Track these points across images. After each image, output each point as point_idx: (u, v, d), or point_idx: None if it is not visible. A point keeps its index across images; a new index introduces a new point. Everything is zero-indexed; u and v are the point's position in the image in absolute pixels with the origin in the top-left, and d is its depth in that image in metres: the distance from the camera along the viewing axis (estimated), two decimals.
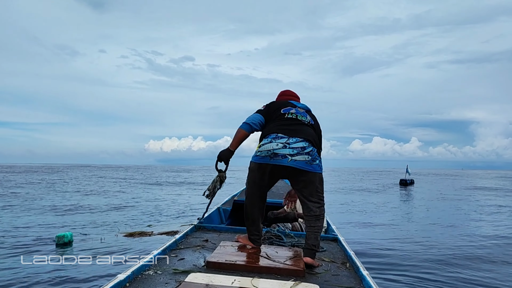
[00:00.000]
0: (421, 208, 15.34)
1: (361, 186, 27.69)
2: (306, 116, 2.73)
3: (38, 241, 6.46)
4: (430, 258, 6.36)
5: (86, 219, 9.80)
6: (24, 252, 5.34)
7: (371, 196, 20.26)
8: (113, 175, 41.12)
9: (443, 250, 7.02)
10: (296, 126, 2.58)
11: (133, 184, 26.44)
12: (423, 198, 20.19)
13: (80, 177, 33.01)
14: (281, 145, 2.45)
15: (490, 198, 20.27)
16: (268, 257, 2.48)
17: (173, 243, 2.83)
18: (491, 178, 50.45)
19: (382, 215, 12.56)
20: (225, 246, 2.74)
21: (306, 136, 2.53)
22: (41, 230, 7.56)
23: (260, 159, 2.53)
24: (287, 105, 2.77)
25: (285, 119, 2.64)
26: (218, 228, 3.75)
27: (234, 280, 1.98)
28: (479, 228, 10.23)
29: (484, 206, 16.19)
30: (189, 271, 2.19)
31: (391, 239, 8.24)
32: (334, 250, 3.17)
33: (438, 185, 34.55)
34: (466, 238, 8.49)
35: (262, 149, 2.50)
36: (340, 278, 2.33)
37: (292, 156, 2.44)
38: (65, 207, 11.91)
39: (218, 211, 4.95)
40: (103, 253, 4.25)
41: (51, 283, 3.41)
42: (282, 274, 2.22)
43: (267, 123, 2.70)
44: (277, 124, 2.61)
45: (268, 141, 2.50)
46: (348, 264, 2.70)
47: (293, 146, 2.46)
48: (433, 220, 11.77)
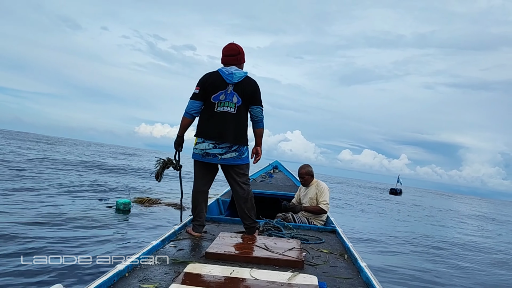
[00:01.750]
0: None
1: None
2: (233, 99, 2.97)
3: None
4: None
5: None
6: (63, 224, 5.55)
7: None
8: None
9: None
10: (223, 126, 2.94)
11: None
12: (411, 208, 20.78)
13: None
14: (212, 146, 2.97)
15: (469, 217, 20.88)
16: (266, 248, 2.49)
17: (172, 233, 2.84)
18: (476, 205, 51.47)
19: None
20: (224, 237, 2.75)
21: (232, 138, 2.97)
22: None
23: (195, 155, 3.04)
24: (218, 87, 2.96)
25: (214, 113, 2.96)
26: (217, 219, 3.77)
27: (233, 270, 1.99)
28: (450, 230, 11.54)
29: (462, 216, 17.42)
30: (188, 261, 2.20)
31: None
32: (332, 241, 3.19)
33: (426, 199, 36.23)
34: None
35: (197, 147, 3.01)
36: (338, 269, 2.35)
37: (221, 155, 2.97)
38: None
39: (217, 202, 4.97)
40: (103, 253, 4.33)
41: (51, 283, 3.43)
42: (280, 265, 2.24)
43: (202, 109, 3.05)
44: (207, 122, 2.98)
45: (201, 141, 3.00)
46: (346, 255, 2.71)
47: (222, 146, 2.97)
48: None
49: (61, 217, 5.92)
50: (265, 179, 6.98)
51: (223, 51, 3.05)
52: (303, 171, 4.33)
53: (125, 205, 7.34)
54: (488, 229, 15.29)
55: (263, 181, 6.76)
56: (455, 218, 18.89)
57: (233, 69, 2.96)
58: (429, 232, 11.23)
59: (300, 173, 4.38)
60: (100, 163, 19.09)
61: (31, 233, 4.71)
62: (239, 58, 3.04)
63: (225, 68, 2.98)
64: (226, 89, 2.94)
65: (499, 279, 6.17)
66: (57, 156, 20.33)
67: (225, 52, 3.04)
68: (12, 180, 9.35)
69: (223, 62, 3.04)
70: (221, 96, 2.94)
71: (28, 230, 4.85)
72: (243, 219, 3.13)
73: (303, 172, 4.33)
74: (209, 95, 2.94)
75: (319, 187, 4.17)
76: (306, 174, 4.31)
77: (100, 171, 15.53)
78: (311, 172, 4.32)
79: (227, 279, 1.86)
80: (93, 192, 9.51)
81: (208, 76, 2.98)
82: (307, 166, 4.35)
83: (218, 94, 2.94)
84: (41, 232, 4.88)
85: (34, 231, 4.87)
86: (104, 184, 11.14)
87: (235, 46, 3.04)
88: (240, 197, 3.08)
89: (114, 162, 22.52)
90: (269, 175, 7.27)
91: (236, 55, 3.02)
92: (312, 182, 4.31)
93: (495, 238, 12.39)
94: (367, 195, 27.81)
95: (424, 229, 11.80)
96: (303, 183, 4.38)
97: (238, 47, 3.04)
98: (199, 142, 3.00)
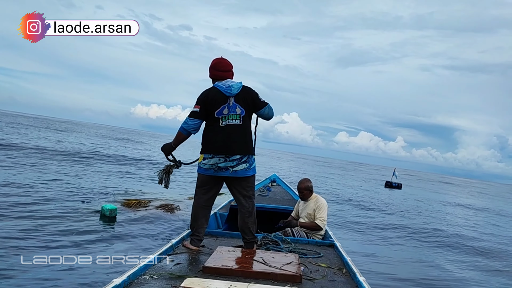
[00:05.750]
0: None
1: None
2: (236, 111, 2.99)
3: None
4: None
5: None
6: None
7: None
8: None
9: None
10: (231, 140, 2.95)
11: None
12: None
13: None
14: (222, 160, 2.95)
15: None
16: (264, 262, 2.47)
17: (169, 247, 2.82)
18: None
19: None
20: (222, 251, 2.73)
21: (242, 150, 2.98)
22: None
23: (205, 171, 3.01)
24: (220, 102, 2.97)
25: (220, 128, 2.96)
26: (214, 233, 3.74)
27: (231, 285, 1.98)
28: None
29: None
30: (185, 276, 2.18)
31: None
32: (330, 256, 3.17)
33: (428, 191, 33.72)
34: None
35: (207, 162, 2.98)
36: (336, 284, 2.33)
37: (233, 167, 2.96)
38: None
39: (215, 216, 4.94)
40: (103, 253, 4.27)
41: (51, 283, 3.40)
42: (278, 280, 2.22)
43: (206, 124, 3.05)
44: (214, 137, 2.97)
45: (210, 156, 2.97)
46: (345, 270, 2.70)
47: (232, 159, 2.96)
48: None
49: (41, 223, 5.41)
50: (263, 192, 6.96)
51: (218, 67, 3.10)
52: (302, 186, 4.33)
53: (111, 211, 6.89)
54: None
55: (261, 195, 6.74)
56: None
57: (229, 81, 3.03)
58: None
59: (299, 187, 4.37)
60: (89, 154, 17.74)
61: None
62: (233, 72, 3.15)
63: (221, 82, 3.03)
64: (227, 102, 2.97)
65: None
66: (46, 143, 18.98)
67: (221, 68, 3.10)
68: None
69: (219, 77, 3.08)
70: (224, 110, 2.96)
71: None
72: (244, 233, 3.10)
73: (302, 187, 4.33)
74: (212, 112, 2.96)
75: (318, 203, 4.17)
76: (305, 189, 4.31)
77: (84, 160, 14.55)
78: (310, 188, 4.32)
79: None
80: (76, 193, 8.58)
81: (207, 93, 3.01)
82: (306, 181, 4.35)
83: (221, 108, 2.96)
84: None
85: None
86: (90, 182, 10.39)
87: (228, 62, 3.14)
88: (245, 211, 3.05)
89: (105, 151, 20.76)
90: (267, 189, 7.25)
91: (231, 70, 3.14)
92: (311, 197, 4.30)
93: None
94: (362, 190, 23.30)
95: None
96: (302, 197, 4.37)
97: (230, 63, 3.15)
98: (207, 158, 2.98)
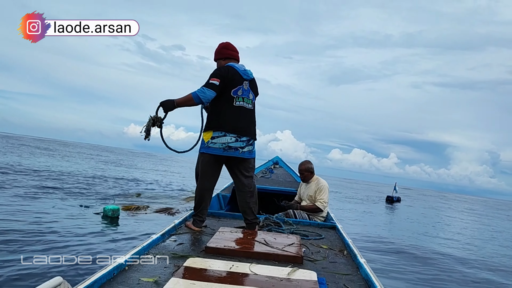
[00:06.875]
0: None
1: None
2: (249, 96, 3.06)
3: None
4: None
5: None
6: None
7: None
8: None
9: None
10: (243, 121, 2.98)
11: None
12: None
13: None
14: (234, 139, 2.93)
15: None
16: (266, 243, 2.49)
17: (172, 228, 2.85)
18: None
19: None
20: (224, 232, 2.76)
21: (251, 133, 3.04)
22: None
23: (214, 150, 2.93)
24: (237, 82, 2.97)
25: (234, 107, 2.95)
26: (217, 214, 3.77)
27: (232, 265, 2.00)
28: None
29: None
30: (188, 255, 2.20)
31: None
32: (332, 237, 3.19)
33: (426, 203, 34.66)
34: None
35: (217, 141, 2.91)
36: (337, 265, 2.35)
37: (242, 148, 2.97)
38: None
39: (217, 197, 4.97)
40: (103, 253, 4.32)
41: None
42: (280, 260, 2.24)
43: (218, 100, 2.96)
44: (227, 115, 2.93)
45: (222, 134, 2.91)
46: (346, 251, 2.72)
47: (242, 140, 2.97)
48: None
49: (47, 225, 5.59)
50: (266, 174, 6.99)
51: (231, 47, 3.14)
52: (302, 167, 4.33)
53: (114, 212, 6.87)
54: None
55: (264, 177, 6.77)
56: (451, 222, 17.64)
57: (243, 66, 3.06)
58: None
59: (300, 169, 4.37)
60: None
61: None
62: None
63: (237, 64, 3.06)
64: (242, 84, 3.00)
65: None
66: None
67: (233, 48, 3.14)
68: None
69: (234, 57, 3.11)
70: (239, 91, 2.98)
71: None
72: (245, 214, 3.13)
73: (302, 168, 4.33)
74: (229, 89, 2.95)
75: (319, 185, 4.17)
76: (305, 170, 4.31)
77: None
78: (310, 169, 4.31)
79: (227, 274, 1.86)
80: (75, 198, 8.98)
81: (227, 70, 2.97)
82: (307, 163, 4.35)
83: (237, 88, 2.97)
84: (23, 240, 4.63)
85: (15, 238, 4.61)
86: (86, 189, 10.75)
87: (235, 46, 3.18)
88: (247, 192, 3.09)
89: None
90: (270, 171, 7.28)
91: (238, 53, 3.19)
92: (312, 179, 4.30)
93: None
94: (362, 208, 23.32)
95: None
96: (303, 179, 4.38)
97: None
98: (218, 136, 2.91)
